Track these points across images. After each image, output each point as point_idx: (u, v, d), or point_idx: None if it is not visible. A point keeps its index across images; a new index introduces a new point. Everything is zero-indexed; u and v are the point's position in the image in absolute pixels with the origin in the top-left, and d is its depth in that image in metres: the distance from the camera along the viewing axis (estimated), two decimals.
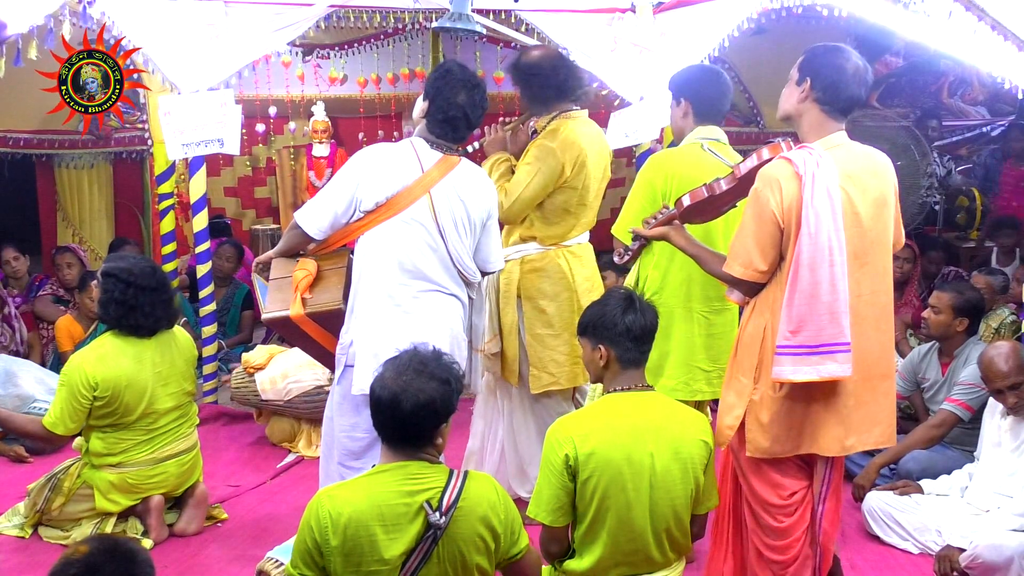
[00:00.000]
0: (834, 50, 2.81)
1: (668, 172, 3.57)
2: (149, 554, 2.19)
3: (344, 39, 7.31)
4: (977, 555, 3.50)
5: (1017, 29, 3.60)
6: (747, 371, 2.83)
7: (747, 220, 2.75)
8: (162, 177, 5.72)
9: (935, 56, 7.08)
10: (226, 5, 5.20)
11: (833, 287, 2.63)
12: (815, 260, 2.63)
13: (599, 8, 5.46)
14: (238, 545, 4.00)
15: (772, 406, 2.78)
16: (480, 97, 3.47)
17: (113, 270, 3.89)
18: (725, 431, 2.89)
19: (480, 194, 3.50)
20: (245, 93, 7.15)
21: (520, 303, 3.99)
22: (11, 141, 6.92)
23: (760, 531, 2.92)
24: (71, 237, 7.22)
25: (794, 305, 2.65)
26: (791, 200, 2.66)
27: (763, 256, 2.73)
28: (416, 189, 3.37)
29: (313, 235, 3.47)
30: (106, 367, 3.80)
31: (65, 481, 3.97)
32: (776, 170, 2.71)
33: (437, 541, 2.42)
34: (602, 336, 2.85)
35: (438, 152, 3.44)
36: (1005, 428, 3.88)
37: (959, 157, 7.94)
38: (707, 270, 2.99)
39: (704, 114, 3.64)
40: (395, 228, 3.37)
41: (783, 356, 2.67)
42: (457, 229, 3.41)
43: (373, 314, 3.38)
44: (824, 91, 2.76)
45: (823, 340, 2.64)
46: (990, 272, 5.58)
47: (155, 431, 3.93)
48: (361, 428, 3.46)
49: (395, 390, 2.43)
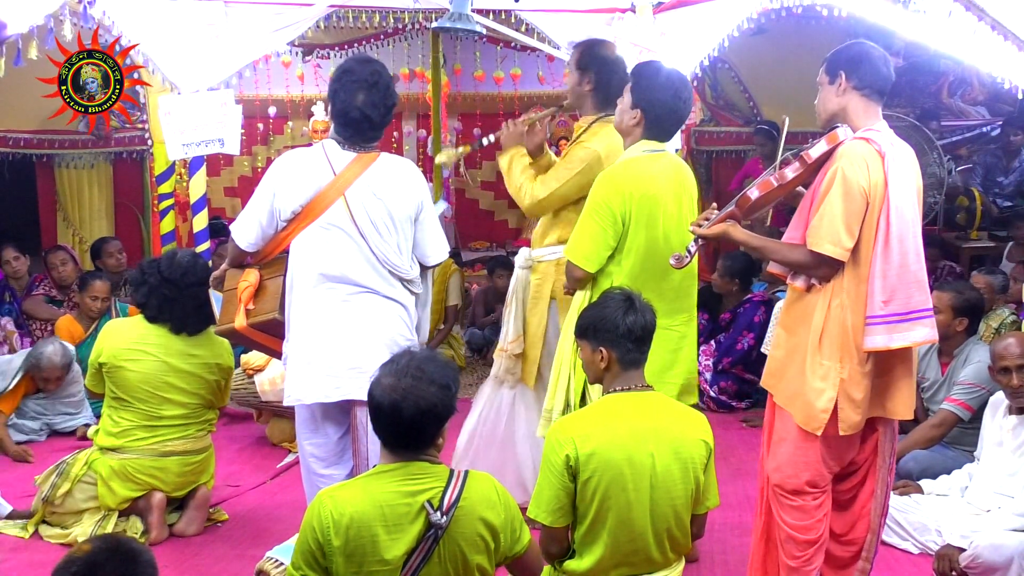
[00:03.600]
0: (857, 43, 3.01)
1: (624, 192, 3.39)
2: (152, 554, 2.19)
3: (344, 39, 7.32)
4: (977, 555, 3.50)
5: (1017, 29, 3.60)
6: (831, 354, 2.91)
7: (834, 199, 2.84)
8: (162, 177, 5.72)
9: (935, 56, 7.09)
10: (226, 5, 5.20)
11: (918, 256, 2.84)
12: (903, 232, 2.81)
13: (599, 8, 5.46)
14: (238, 545, 4.00)
15: (862, 381, 2.90)
16: (380, 96, 3.34)
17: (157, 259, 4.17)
18: (820, 415, 2.93)
19: (401, 189, 3.41)
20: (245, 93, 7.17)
21: (553, 305, 3.93)
22: (11, 141, 6.94)
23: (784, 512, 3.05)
24: (71, 237, 7.23)
25: (888, 276, 2.81)
26: (877, 178, 2.82)
27: (850, 234, 2.84)
28: (330, 193, 3.33)
29: (244, 248, 3.50)
30: (112, 338, 4.04)
31: (73, 467, 4.04)
32: (860, 149, 2.85)
33: (438, 541, 2.42)
34: (603, 338, 2.85)
35: (351, 152, 3.38)
36: (1007, 428, 3.88)
37: (959, 157, 7.94)
38: (777, 259, 3.06)
39: (653, 133, 3.46)
40: (315, 234, 3.35)
41: (876, 327, 2.82)
42: (378, 228, 3.35)
43: (304, 321, 3.38)
44: (860, 77, 2.93)
45: (912, 307, 2.82)
46: (990, 272, 5.57)
47: (158, 420, 3.97)
48: (320, 434, 3.50)
49: (395, 397, 2.42)
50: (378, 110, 3.35)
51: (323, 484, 3.41)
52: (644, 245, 3.41)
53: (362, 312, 3.36)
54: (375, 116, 3.35)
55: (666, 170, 3.39)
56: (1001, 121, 7.83)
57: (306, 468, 3.59)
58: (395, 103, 3.45)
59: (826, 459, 3.01)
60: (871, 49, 2.97)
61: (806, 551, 3.03)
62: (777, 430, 3.09)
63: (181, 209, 6.62)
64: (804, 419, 2.97)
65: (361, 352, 3.31)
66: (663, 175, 3.37)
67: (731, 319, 5.98)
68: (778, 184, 2.97)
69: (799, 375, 2.97)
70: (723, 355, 5.88)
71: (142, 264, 4.18)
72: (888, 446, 3.09)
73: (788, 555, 3.05)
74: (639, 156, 3.42)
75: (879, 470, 3.09)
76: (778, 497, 3.08)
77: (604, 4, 5.44)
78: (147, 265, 4.12)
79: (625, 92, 3.49)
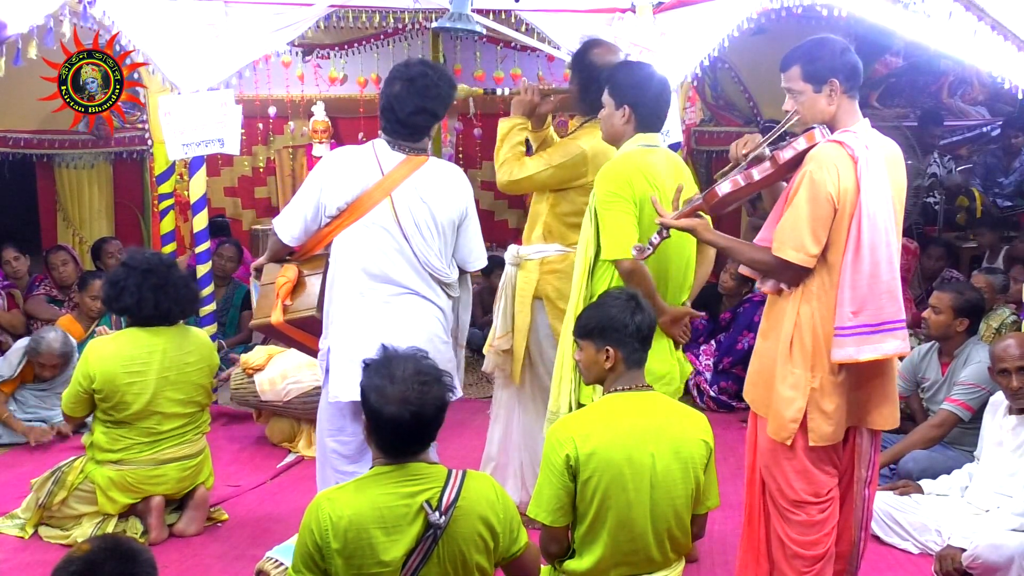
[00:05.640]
0: (829, 41, 2.83)
1: (630, 180, 3.32)
2: (151, 554, 2.19)
3: (344, 39, 7.32)
4: (977, 555, 3.50)
5: (1017, 29, 3.60)
6: (801, 362, 2.81)
7: (800, 203, 2.73)
8: (162, 177, 5.72)
9: (935, 56, 7.08)
10: (226, 5, 5.21)
11: (891, 266, 2.70)
12: (875, 241, 2.68)
13: (599, 8, 5.46)
14: (238, 545, 4.00)
15: (834, 391, 2.80)
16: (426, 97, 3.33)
17: (124, 259, 4.02)
18: (789, 425, 2.83)
19: (447, 194, 3.43)
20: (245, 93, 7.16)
21: (538, 304, 3.94)
22: (11, 141, 6.94)
23: (789, 527, 2.92)
24: (71, 237, 7.23)
25: (857, 287, 2.69)
26: (848, 182, 2.69)
27: (816, 240, 2.73)
28: (376, 192, 3.34)
29: (287, 242, 3.50)
30: (106, 363, 3.84)
31: (69, 475, 3.99)
32: (831, 153, 2.73)
33: (437, 541, 2.42)
34: (610, 338, 2.83)
35: (400, 153, 3.39)
36: (1007, 428, 3.88)
37: (959, 157, 7.94)
38: (743, 261, 2.95)
39: (646, 124, 3.45)
40: (359, 232, 3.36)
41: (845, 338, 2.71)
42: (421, 231, 3.37)
43: (346, 320, 3.39)
44: (853, 81, 2.80)
45: (883, 318, 2.70)
46: (990, 272, 5.57)
47: (158, 435, 3.94)
48: (347, 432, 3.49)
49: (413, 408, 2.40)
50: (424, 113, 3.35)
51: (343, 481, 3.41)
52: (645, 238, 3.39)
53: (403, 313, 3.37)
54: (420, 120, 3.36)
55: (663, 163, 3.38)
56: (1001, 121, 7.83)
57: (326, 465, 3.55)
58: (447, 103, 3.42)
59: (819, 467, 2.87)
60: (845, 46, 2.80)
61: (814, 566, 2.92)
62: (760, 441, 2.99)
63: (181, 209, 6.62)
64: (774, 429, 2.88)
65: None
66: (661, 166, 3.34)
67: (731, 319, 5.98)
68: (745, 184, 2.85)
69: (771, 383, 2.89)
70: (723, 355, 5.88)
71: (109, 277, 4.02)
72: (866, 457, 2.95)
73: (795, 571, 2.94)
74: (636, 150, 3.41)
75: (856, 483, 2.95)
76: (780, 511, 2.94)
77: (604, 4, 5.44)
78: (116, 273, 3.96)
79: (605, 98, 3.45)
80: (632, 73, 3.49)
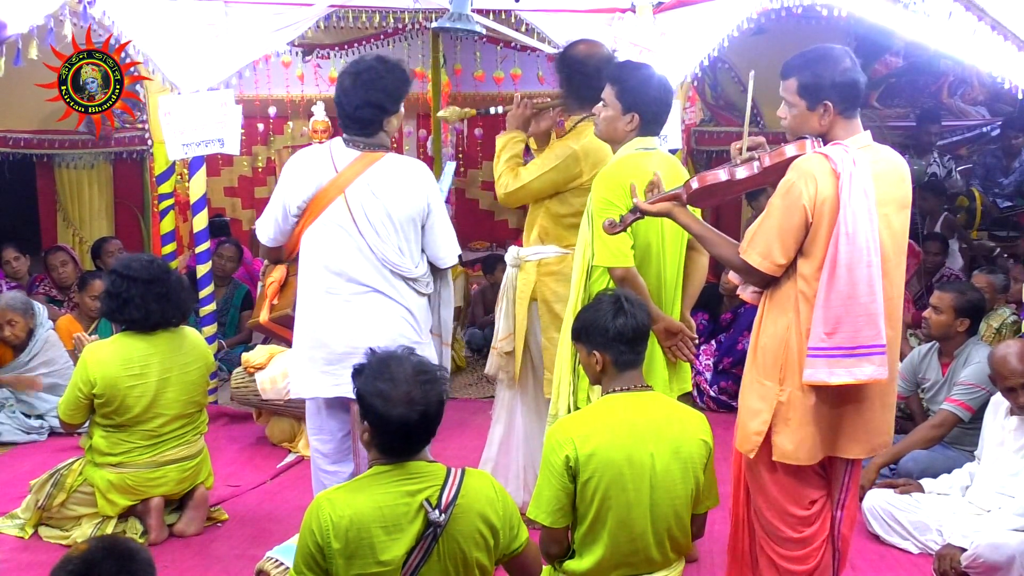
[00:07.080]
0: (825, 56, 2.74)
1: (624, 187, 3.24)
2: (150, 554, 2.19)
3: (344, 39, 7.31)
4: (978, 555, 3.50)
5: (1017, 29, 3.60)
6: (770, 374, 2.76)
7: (773, 210, 2.69)
8: (162, 177, 5.72)
9: (935, 56, 7.07)
10: (226, 5, 5.21)
11: (871, 288, 2.59)
12: (853, 261, 2.58)
13: (599, 8, 5.46)
14: (238, 545, 4.00)
15: (801, 409, 2.71)
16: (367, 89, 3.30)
17: (114, 265, 4.02)
18: (752, 437, 2.78)
19: (403, 189, 3.39)
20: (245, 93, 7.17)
21: (535, 306, 3.94)
22: (11, 141, 6.94)
23: (775, 543, 2.86)
24: (71, 237, 7.23)
25: (831, 306, 2.60)
26: (825, 196, 2.61)
27: (783, 249, 2.68)
28: (331, 190, 3.36)
29: (265, 243, 3.60)
30: (106, 367, 3.83)
31: (68, 477, 3.99)
32: (812, 164, 2.66)
33: (437, 539, 2.42)
34: (595, 342, 2.84)
35: (355, 150, 3.39)
36: (1009, 428, 3.87)
37: (959, 157, 7.93)
38: (713, 253, 2.93)
39: (648, 129, 3.45)
40: (319, 231, 3.39)
41: (817, 359, 2.61)
42: (375, 228, 3.35)
43: (306, 318, 3.43)
44: (844, 101, 2.70)
45: (860, 342, 2.60)
46: (991, 271, 5.57)
47: (158, 438, 3.94)
48: (325, 431, 3.54)
49: (420, 408, 2.40)
50: (370, 106, 3.33)
51: (329, 481, 3.45)
52: (643, 240, 3.40)
53: (364, 313, 3.37)
54: (366, 114, 3.34)
55: (660, 165, 3.37)
56: (1001, 121, 7.83)
57: (314, 464, 3.63)
58: (396, 96, 3.38)
59: (802, 479, 2.80)
60: (848, 63, 2.70)
61: None
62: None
63: (181, 209, 6.62)
64: (738, 439, 2.85)
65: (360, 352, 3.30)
66: (658, 170, 3.34)
67: (732, 319, 5.98)
68: (726, 179, 2.81)
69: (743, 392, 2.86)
70: (723, 355, 5.88)
71: (108, 289, 3.94)
72: (838, 483, 2.84)
73: None
74: (633, 154, 3.41)
75: (831, 510, 2.85)
76: (765, 527, 2.87)
77: (604, 4, 5.44)
78: (115, 283, 3.89)
79: (610, 99, 3.41)
80: (643, 79, 3.44)
